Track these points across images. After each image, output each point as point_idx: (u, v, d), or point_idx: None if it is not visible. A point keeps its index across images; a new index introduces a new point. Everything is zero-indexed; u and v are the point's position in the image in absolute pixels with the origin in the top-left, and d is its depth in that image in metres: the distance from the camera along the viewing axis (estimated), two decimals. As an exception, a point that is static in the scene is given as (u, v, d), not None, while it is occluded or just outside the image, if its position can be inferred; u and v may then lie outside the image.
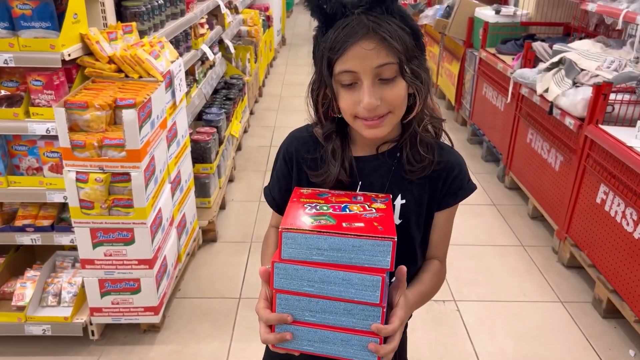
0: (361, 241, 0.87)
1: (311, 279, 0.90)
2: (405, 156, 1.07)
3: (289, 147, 1.15)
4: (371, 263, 0.88)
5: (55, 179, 2.12)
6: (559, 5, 4.32)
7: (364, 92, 0.95)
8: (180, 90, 2.53)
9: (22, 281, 2.28)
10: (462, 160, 1.13)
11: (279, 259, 0.91)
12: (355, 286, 0.89)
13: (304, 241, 0.89)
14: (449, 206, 1.12)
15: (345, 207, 0.97)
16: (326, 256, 0.89)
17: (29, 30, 1.92)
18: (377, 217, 0.94)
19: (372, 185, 1.09)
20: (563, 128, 2.94)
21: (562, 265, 2.93)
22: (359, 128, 1.02)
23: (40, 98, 2.04)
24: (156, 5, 2.72)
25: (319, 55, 0.99)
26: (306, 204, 0.98)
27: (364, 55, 0.93)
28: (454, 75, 5.18)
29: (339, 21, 0.95)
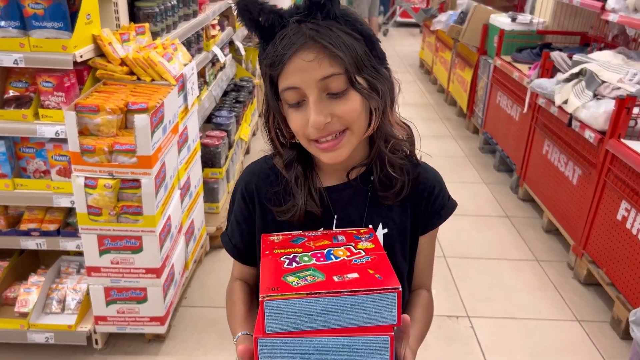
0: (360, 298, 0.74)
1: (305, 352, 0.75)
2: (377, 181, 0.97)
3: (248, 185, 1.02)
4: (375, 321, 0.75)
5: (63, 182, 2.05)
6: (577, 15, 4.24)
7: (310, 109, 0.85)
8: (192, 94, 2.47)
9: (26, 286, 2.22)
10: (440, 177, 1.06)
11: (263, 333, 0.75)
12: (359, 352, 0.75)
13: (291, 308, 0.74)
14: (433, 227, 1.04)
15: (329, 253, 0.84)
16: (320, 322, 0.75)
17: (41, 30, 1.86)
18: (370, 261, 0.82)
19: (349, 218, 0.98)
20: (582, 141, 2.87)
21: (579, 282, 2.85)
22: (316, 153, 0.91)
23: (50, 100, 1.98)
24: (169, 6, 2.66)
25: (263, 74, 0.90)
26: (282, 256, 0.84)
27: (305, 68, 0.83)
28: (467, 82, 5.11)
29: (278, 33, 0.85)
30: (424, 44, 7.39)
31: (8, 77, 2.07)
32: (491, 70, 4.42)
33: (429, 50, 7.01)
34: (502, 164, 4.23)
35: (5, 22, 1.85)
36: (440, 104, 6.05)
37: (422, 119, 5.51)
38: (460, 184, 4.02)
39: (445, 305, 2.65)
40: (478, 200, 3.76)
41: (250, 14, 0.85)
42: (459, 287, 2.79)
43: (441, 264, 2.99)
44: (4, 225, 2.19)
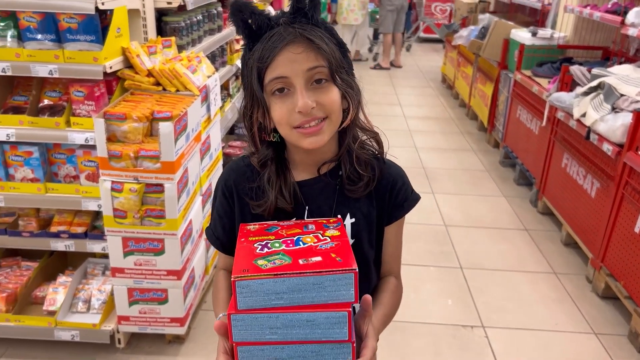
0: (321, 277, 0.83)
1: (273, 326, 0.84)
2: (345, 176, 1.06)
3: (227, 182, 1.11)
4: (335, 299, 0.84)
5: (91, 187, 2.16)
6: (598, 29, 4.25)
7: (298, 94, 0.94)
8: (215, 105, 2.57)
9: (54, 286, 2.32)
10: (403, 172, 1.15)
11: (235, 310, 0.84)
12: (321, 326, 0.84)
13: (260, 287, 0.83)
14: (397, 219, 1.12)
15: (298, 240, 0.92)
16: (286, 299, 0.84)
17: (74, 43, 1.98)
18: (334, 246, 0.90)
19: (320, 209, 1.07)
20: (600, 154, 2.87)
21: (597, 295, 2.84)
22: (297, 139, 0.99)
23: (81, 108, 2.10)
24: (195, 21, 2.78)
25: (248, 70, 0.98)
26: (256, 242, 0.93)
27: (294, 59, 0.93)
28: (488, 96, 5.13)
29: (266, 34, 0.95)
30: (446, 59, 7.44)
31: (43, 87, 2.20)
32: (511, 84, 4.44)
33: (451, 65, 7.05)
34: (522, 177, 4.23)
35: (42, 35, 1.98)
36: (461, 118, 6.07)
37: (443, 132, 5.54)
38: (479, 197, 4.03)
39: (460, 315, 2.66)
40: (496, 213, 3.76)
41: (243, 15, 0.95)
42: (475, 297, 2.81)
43: (457, 274, 3.01)
44: (35, 227, 2.31)
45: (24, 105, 2.18)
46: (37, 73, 1.98)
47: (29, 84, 2.23)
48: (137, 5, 2.30)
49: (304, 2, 0.95)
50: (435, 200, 3.91)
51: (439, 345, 2.45)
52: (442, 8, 10.61)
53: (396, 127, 5.64)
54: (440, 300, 2.78)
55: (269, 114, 0.99)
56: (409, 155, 4.83)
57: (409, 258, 3.15)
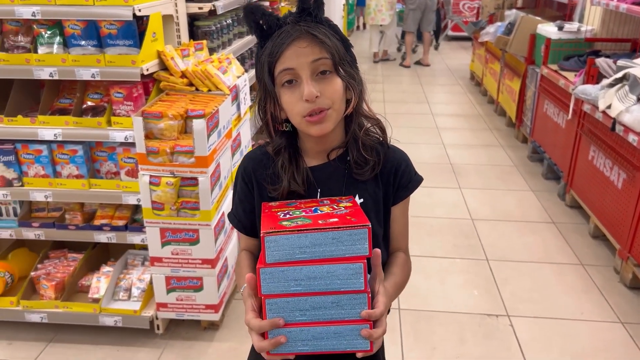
0: (339, 233, 0.92)
1: (298, 278, 0.93)
2: (353, 161, 1.15)
3: (246, 169, 1.20)
4: (351, 252, 0.93)
5: (131, 182, 2.31)
6: (626, 21, 4.21)
7: (304, 84, 1.03)
8: (244, 104, 2.69)
9: (98, 276, 2.49)
10: (406, 155, 1.23)
11: (264, 263, 0.93)
12: (340, 277, 0.93)
13: (286, 242, 0.92)
14: (402, 199, 1.20)
15: (316, 209, 1.02)
16: (309, 253, 0.93)
17: (114, 48, 2.14)
18: (348, 212, 1.00)
19: (330, 191, 1.15)
20: (626, 145, 2.88)
21: (624, 286, 2.84)
22: (306, 128, 1.08)
23: (121, 109, 2.25)
24: (225, 24, 2.92)
25: (260, 65, 1.08)
26: (278, 212, 1.02)
27: (300, 53, 1.03)
28: (515, 92, 5.13)
29: (275, 32, 1.05)
30: (474, 57, 7.43)
31: (86, 89, 2.37)
32: (538, 79, 4.44)
33: (479, 62, 7.05)
34: (550, 171, 4.22)
35: (85, 41, 2.14)
36: (490, 114, 6.06)
37: (471, 129, 5.56)
38: (506, 191, 4.05)
39: (486, 305, 2.71)
40: (524, 207, 3.78)
41: (254, 17, 1.06)
42: (500, 288, 2.85)
43: (483, 266, 3.06)
44: (80, 220, 2.48)
45: (69, 107, 2.36)
46: (81, 76, 2.15)
47: (73, 87, 2.40)
48: (171, 11, 2.44)
49: (308, 3, 1.05)
50: (462, 195, 3.95)
51: (463, 334, 2.51)
52: (470, 6, 10.56)
53: (424, 125, 5.69)
54: (465, 291, 2.84)
55: (279, 105, 1.08)
56: (437, 152, 4.88)
57: (435, 251, 3.21)
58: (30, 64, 2.16)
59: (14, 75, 2.23)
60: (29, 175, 2.36)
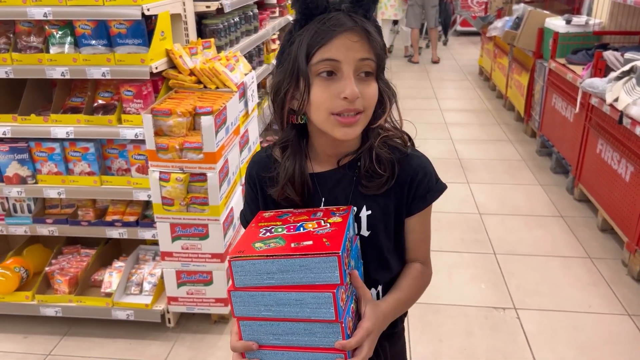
0: (307, 260, 0.88)
1: (267, 304, 0.91)
2: (363, 170, 1.05)
3: (251, 172, 1.16)
4: (321, 280, 0.89)
5: (141, 179, 2.36)
6: (635, 14, 4.18)
7: (347, 82, 0.95)
8: (252, 101, 2.73)
9: (110, 271, 2.54)
10: (426, 162, 1.11)
11: (234, 287, 0.92)
12: (309, 305, 0.89)
13: (252, 267, 0.90)
14: (418, 210, 1.10)
15: (301, 226, 0.97)
16: (277, 279, 0.90)
17: (124, 47, 2.18)
18: (329, 232, 0.93)
19: (336, 200, 1.08)
20: (634, 137, 2.87)
21: (632, 279, 2.85)
22: (332, 127, 0.99)
23: (131, 106, 2.29)
24: (232, 23, 2.95)
25: (296, 46, 0.97)
26: (263, 227, 0.99)
27: (350, 46, 0.94)
28: (524, 86, 5.12)
29: (320, 16, 0.96)
30: (483, 51, 7.40)
31: (97, 88, 2.42)
32: (546, 73, 4.43)
33: (487, 57, 7.03)
34: (559, 166, 4.22)
35: (95, 40, 2.19)
36: (498, 109, 6.05)
37: (480, 124, 5.56)
38: (515, 186, 4.05)
39: (492, 298, 2.73)
40: (532, 201, 3.78)
41: None
42: (508, 281, 2.87)
43: (490, 259, 3.07)
44: (92, 217, 2.53)
45: (80, 105, 2.41)
46: (92, 75, 2.19)
47: (84, 86, 2.45)
48: (179, 10, 2.48)
49: None
50: (471, 190, 3.96)
51: (470, 326, 2.53)
52: (478, 1, 10.51)
53: (432, 121, 5.69)
54: (473, 285, 2.86)
55: (309, 95, 0.98)
56: (445, 147, 4.88)
57: (443, 245, 3.23)
58: (43, 64, 2.21)
59: (27, 75, 2.28)
60: (42, 173, 2.41)
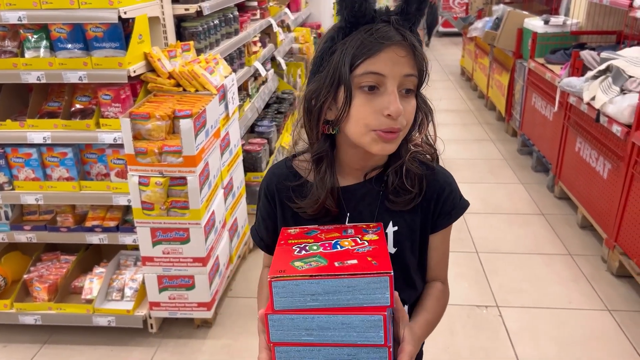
0: (356, 280, 0.82)
1: (309, 328, 0.84)
2: (391, 186, 1.03)
3: (270, 185, 1.10)
4: (370, 302, 0.83)
5: (121, 183, 2.33)
6: (610, 14, 4.26)
7: (392, 98, 0.91)
8: (232, 103, 2.72)
9: (91, 277, 2.51)
10: (451, 178, 1.10)
11: (272, 310, 0.84)
12: (356, 329, 0.83)
13: (295, 288, 0.83)
14: (443, 227, 1.09)
15: (336, 243, 0.92)
16: (321, 301, 0.84)
17: (100, 50, 2.16)
18: (371, 250, 0.89)
19: (361, 215, 1.05)
20: (610, 135, 2.92)
21: (611, 274, 2.89)
22: (370, 142, 0.95)
23: (109, 110, 2.27)
24: (212, 25, 2.94)
25: (338, 54, 0.93)
26: (294, 245, 0.93)
27: (397, 61, 0.91)
28: (504, 86, 5.17)
29: (366, 25, 0.92)
30: (464, 52, 7.47)
31: (74, 92, 2.39)
32: (526, 73, 4.48)
33: (469, 58, 7.09)
34: (539, 164, 4.27)
35: (71, 44, 2.17)
36: (480, 109, 6.11)
37: (463, 124, 5.60)
38: (496, 185, 4.09)
39: (475, 296, 2.75)
40: (514, 199, 3.82)
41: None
42: (490, 279, 2.89)
43: (472, 258, 3.10)
44: (71, 223, 2.50)
45: (57, 110, 2.38)
46: (69, 79, 2.17)
47: (61, 91, 2.42)
48: (157, 13, 2.46)
49: (412, 7, 0.94)
50: (453, 189, 3.99)
51: (453, 325, 2.54)
52: (460, 2, 10.61)
53: (415, 121, 5.71)
54: (456, 284, 2.87)
55: (349, 107, 0.94)
56: (427, 148, 4.90)
57: (426, 245, 3.24)
58: (18, 68, 2.18)
59: (2, 80, 2.25)
60: (19, 179, 2.38)
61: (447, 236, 1.12)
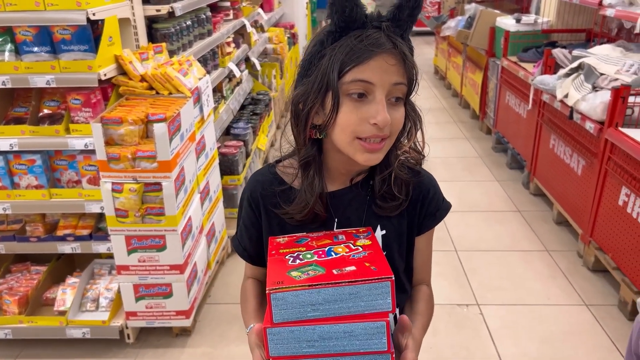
0: (357, 287, 0.81)
1: (310, 339, 0.82)
2: (378, 192, 1.02)
3: (254, 193, 1.07)
4: (372, 308, 0.82)
5: (93, 190, 2.26)
6: (580, 12, 4.33)
7: (380, 107, 0.89)
8: (207, 106, 2.66)
9: (64, 287, 2.43)
10: (434, 180, 1.10)
11: (271, 323, 0.82)
12: (359, 337, 0.81)
13: (295, 299, 0.81)
14: (429, 228, 1.09)
15: (330, 250, 0.90)
16: (322, 310, 0.81)
17: (69, 53, 2.08)
18: (367, 255, 0.87)
19: (349, 220, 1.04)
20: (584, 132, 2.96)
21: (587, 269, 2.93)
22: (355, 151, 0.94)
23: (79, 115, 2.20)
24: (184, 26, 2.88)
25: (327, 60, 0.91)
26: (287, 254, 0.90)
27: (386, 69, 0.89)
28: (478, 84, 5.22)
29: (356, 31, 0.91)
30: (437, 51, 7.53)
31: (42, 97, 2.30)
32: (499, 71, 4.53)
33: (442, 57, 7.14)
34: (514, 161, 4.32)
35: (38, 47, 2.08)
36: (454, 107, 6.16)
37: (437, 122, 5.64)
38: (472, 182, 4.12)
39: (455, 295, 2.76)
40: (490, 197, 3.85)
41: (346, 2, 0.89)
42: (469, 277, 2.90)
43: (451, 257, 3.11)
44: (42, 232, 2.41)
45: (24, 115, 2.29)
46: (35, 84, 2.09)
47: (28, 95, 2.33)
48: (128, 14, 2.40)
49: (404, 13, 0.92)
50: (430, 188, 4.00)
51: (435, 325, 2.54)
52: (432, 1, 10.69)
53: (390, 120, 5.73)
54: (436, 283, 2.81)
55: (336, 114, 0.92)
56: (403, 147, 4.92)
57: (405, 244, 3.24)
58: (-19, 73, 2.09)
59: (-36, 85, 2.16)
60: (-15, 188, 2.28)
61: (431, 238, 1.14)
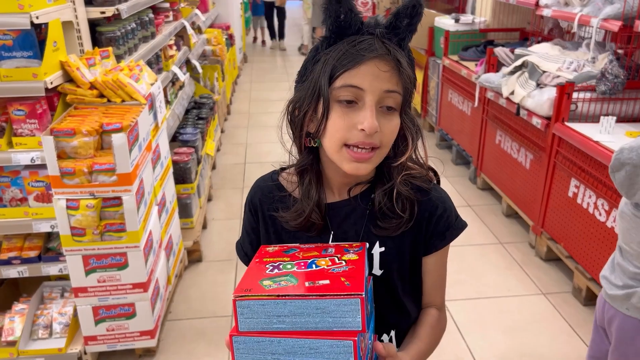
0: (325, 302, 0.77)
1: (275, 352, 0.79)
2: (378, 207, 0.97)
3: (254, 199, 1.07)
4: (340, 325, 0.78)
5: (42, 208, 2.08)
6: (514, 12, 4.52)
7: (368, 113, 0.86)
8: (160, 112, 2.53)
9: (10, 315, 2.22)
10: (446, 196, 1.04)
11: (237, 331, 0.80)
12: (325, 354, 0.78)
13: (261, 308, 0.78)
14: (437, 249, 1.02)
15: (312, 262, 0.87)
16: (288, 323, 0.79)
17: (11, 60, 1.91)
18: (347, 270, 0.83)
19: (345, 234, 1.00)
20: (531, 128, 3.08)
21: (541, 259, 3.06)
22: (342, 159, 0.91)
23: (23, 127, 2.01)
24: (129, 29, 2.72)
25: (320, 65, 0.90)
26: (269, 263, 0.88)
27: (377, 75, 0.87)
28: (418, 83, 5.33)
29: (351, 37, 0.89)
30: (374, 50, 7.64)
31: (-22, 108, 2.09)
32: (440, 70, 4.64)
33: (379, 56, 7.25)
34: (459, 157, 4.44)
35: (-26, 54, 1.89)
36: (395, 106, 6.26)
37: (380, 121, 5.70)
38: (422, 179, 4.19)
39: (421, 293, 2.79)
40: (440, 193, 3.94)
41: (339, 7, 0.87)
42: (432, 274, 2.94)
43: (413, 255, 3.14)
44: (-18, 256, 2.20)
45: (-42, 129, 2.07)
46: (-28, 94, 1.89)
47: (-39, 107, 2.11)
48: (70, 17, 2.22)
49: (403, 21, 0.90)
50: (382, 187, 4.04)
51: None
52: (363, 1, 10.83)
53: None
54: (400, 282, 2.89)
55: (327, 120, 0.90)
56: (351, 147, 4.94)
57: (365, 245, 3.25)
58: None
59: None
60: None
61: (443, 259, 1.05)
